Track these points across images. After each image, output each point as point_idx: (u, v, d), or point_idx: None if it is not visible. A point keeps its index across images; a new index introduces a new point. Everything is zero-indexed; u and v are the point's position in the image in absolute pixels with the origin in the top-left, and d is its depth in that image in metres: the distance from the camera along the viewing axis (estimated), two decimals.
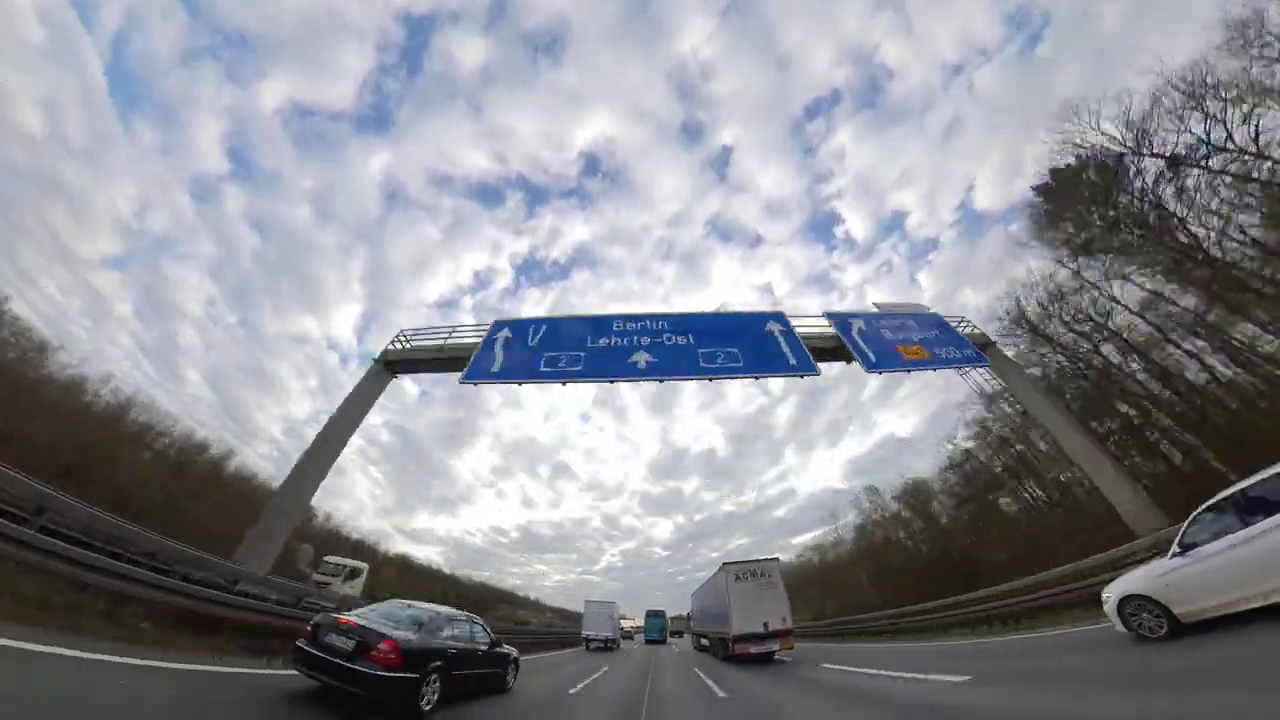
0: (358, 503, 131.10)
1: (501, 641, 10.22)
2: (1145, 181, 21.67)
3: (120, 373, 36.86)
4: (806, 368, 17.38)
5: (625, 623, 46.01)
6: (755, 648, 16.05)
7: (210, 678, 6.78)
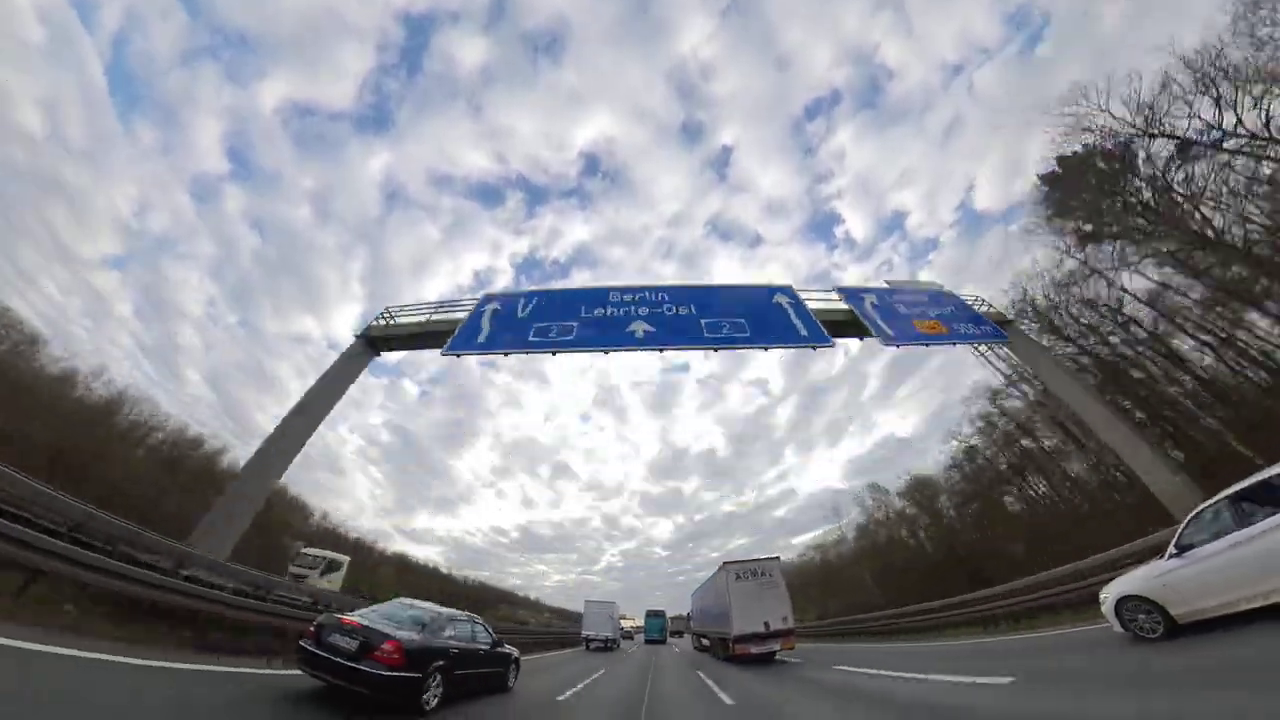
0: (358, 503, 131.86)
1: (503, 641, 10.35)
2: (1155, 167, 21.24)
3: (115, 366, 36.87)
4: (819, 338, 16.72)
5: (625, 623, 46.26)
6: (756, 648, 15.95)
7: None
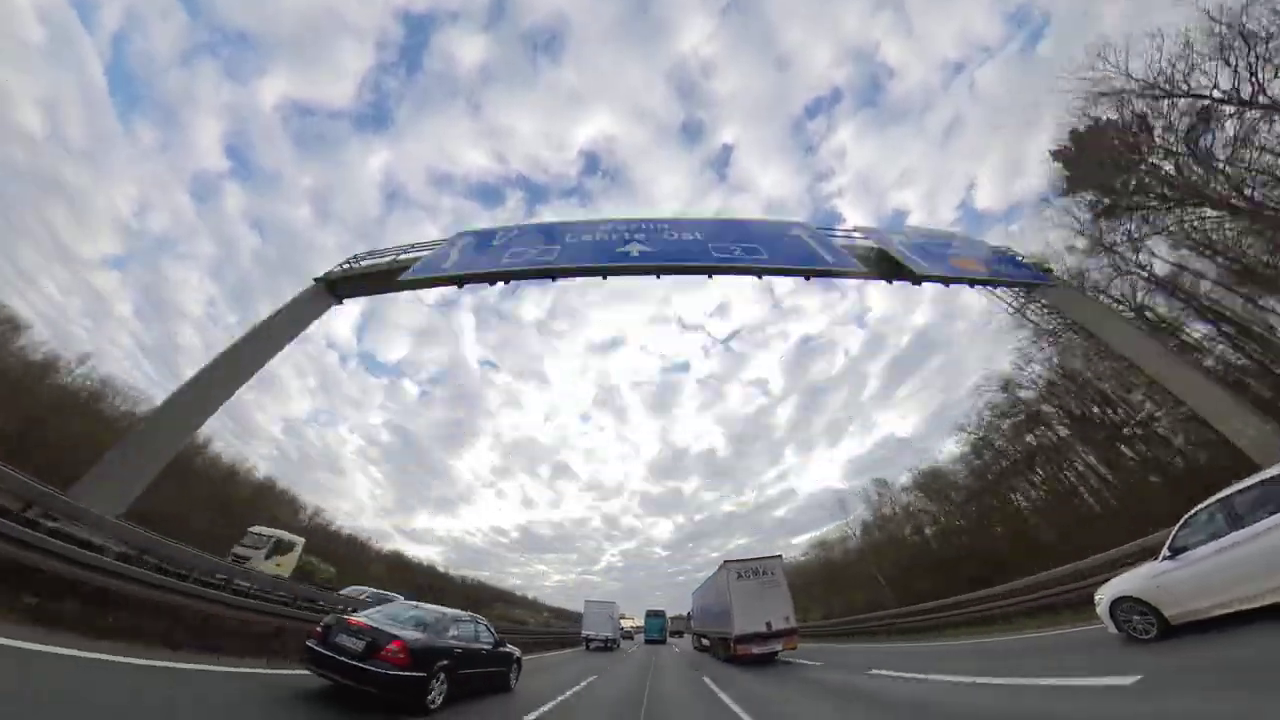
0: (358, 502, 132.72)
1: (505, 641, 10.59)
2: (1175, 137, 20.23)
3: (116, 366, 36.94)
4: (846, 263, 15.99)
5: (625, 623, 46.68)
6: (758, 648, 15.92)
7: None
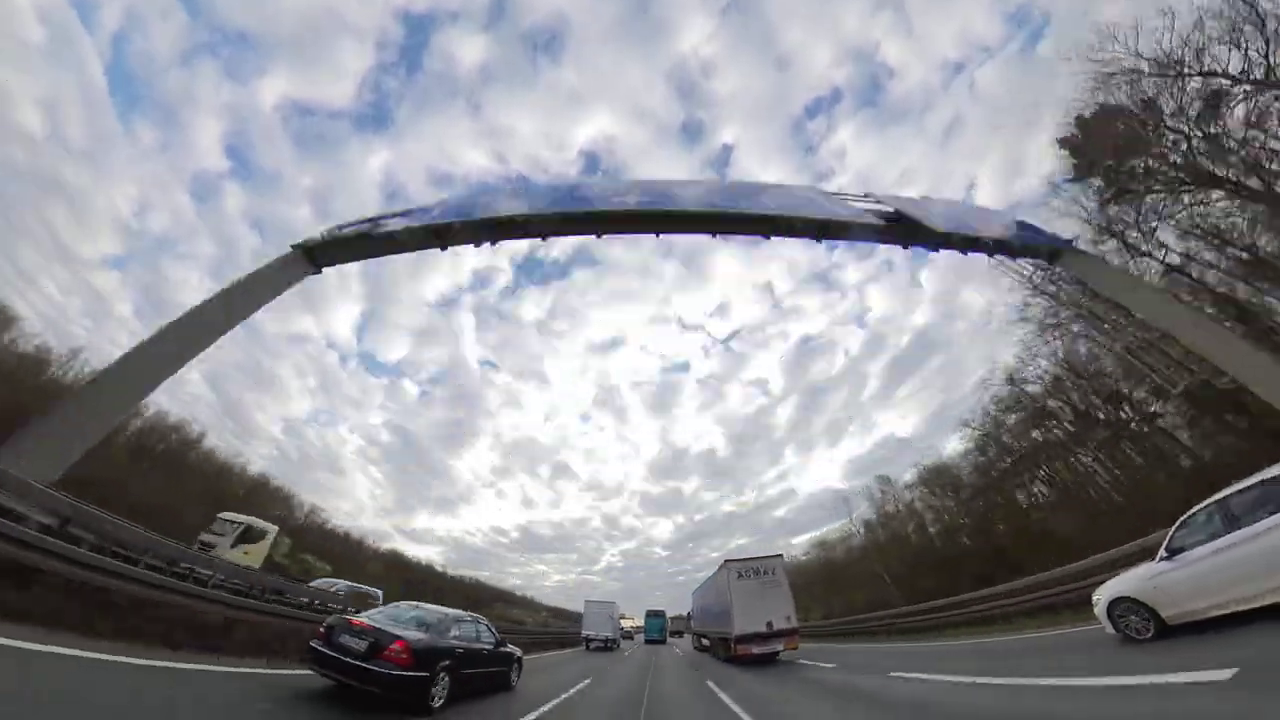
0: (358, 502, 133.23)
1: (506, 641, 10.72)
2: (1186, 120, 19.50)
3: (101, 353, 36.82)
4: (862, 218, 16.03)
5: (625, 622, 46.87)
6: (759, 648, 15.95)
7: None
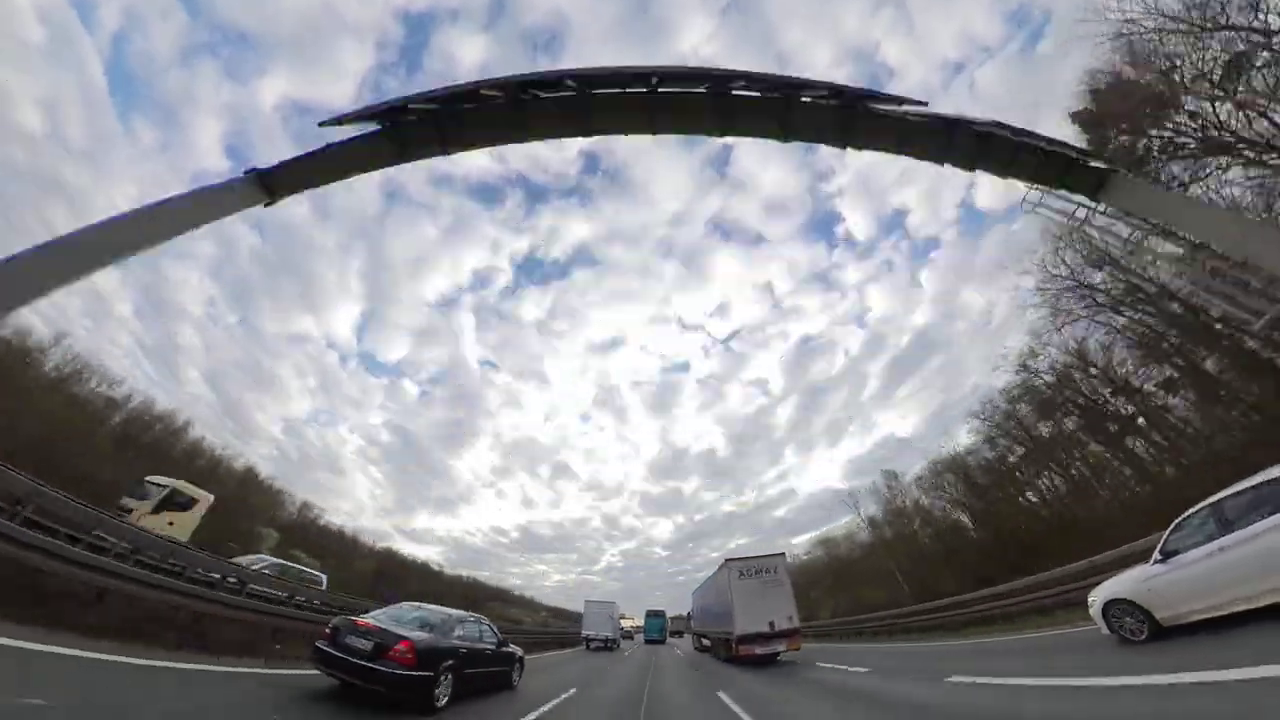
0: (358, 502, 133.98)
1: (508, 641, 10.94)
2: (1209, 83, 17.94)
3: (101, 353, 36.93)
4: (893, 107, 15.37)
5: (625, 622, 47.30)
6: (760, 648, 16.02)
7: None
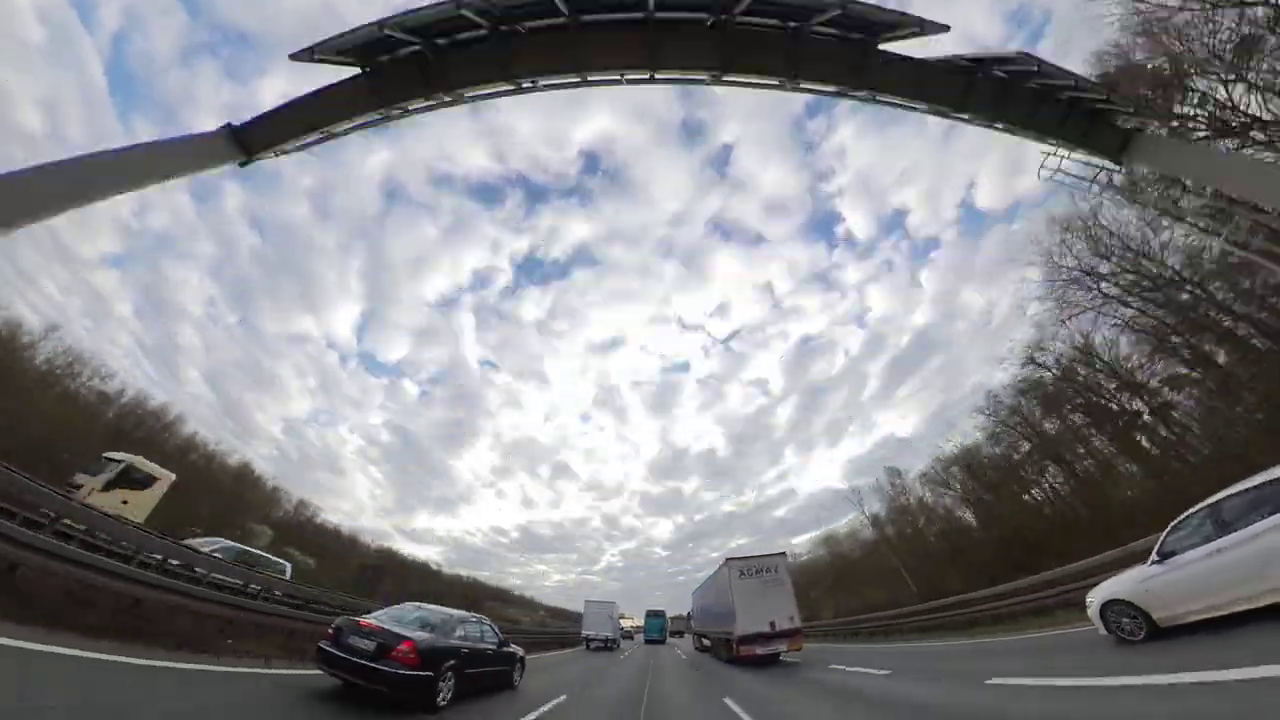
0: (358, 502, 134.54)
1: (509, 641, 11.04)
2: (1220, 62, 17.05)
3: (101, 353, 37.05)
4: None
5: (625, 622, 47.51)
6: (762, 649, 16.05)
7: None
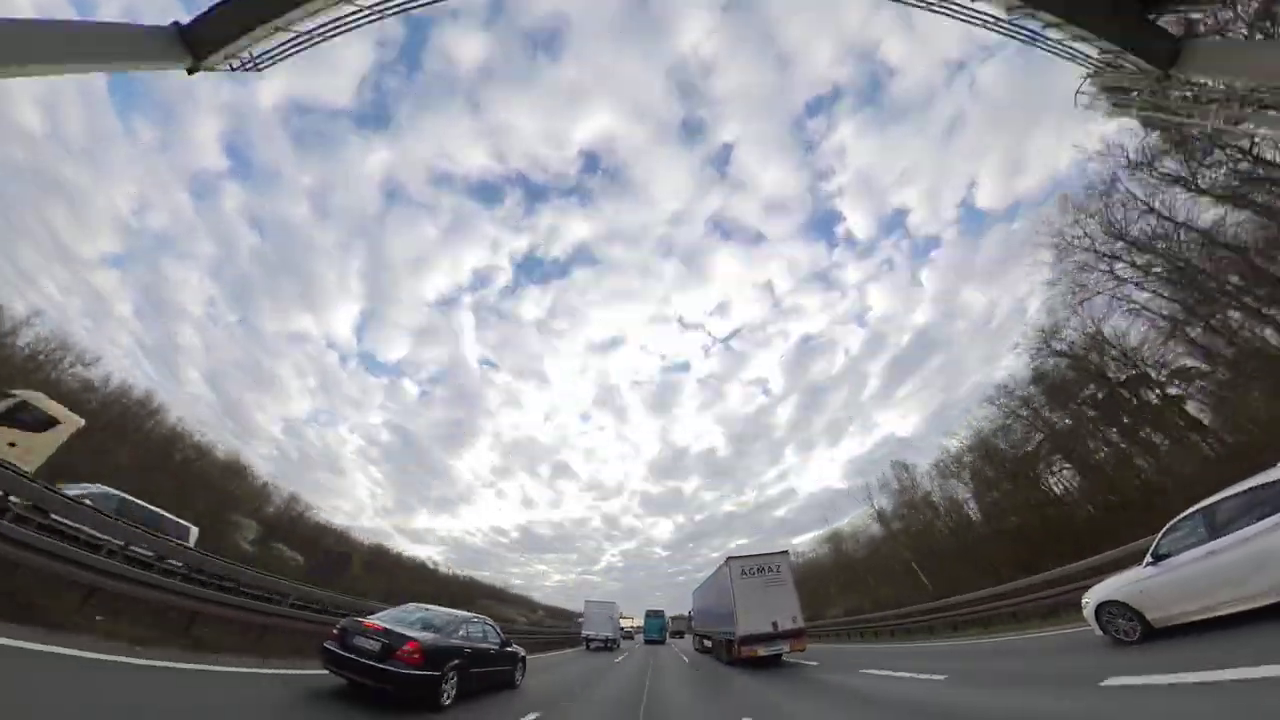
0: (358, 502, 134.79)
1: (511, 641, 11.24)
2: (1243, 21, 16.40)
3: (100, 353, 37.05)
4: None
5: (625, 622, 47.74)
6: (763, 649, 15.97)
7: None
